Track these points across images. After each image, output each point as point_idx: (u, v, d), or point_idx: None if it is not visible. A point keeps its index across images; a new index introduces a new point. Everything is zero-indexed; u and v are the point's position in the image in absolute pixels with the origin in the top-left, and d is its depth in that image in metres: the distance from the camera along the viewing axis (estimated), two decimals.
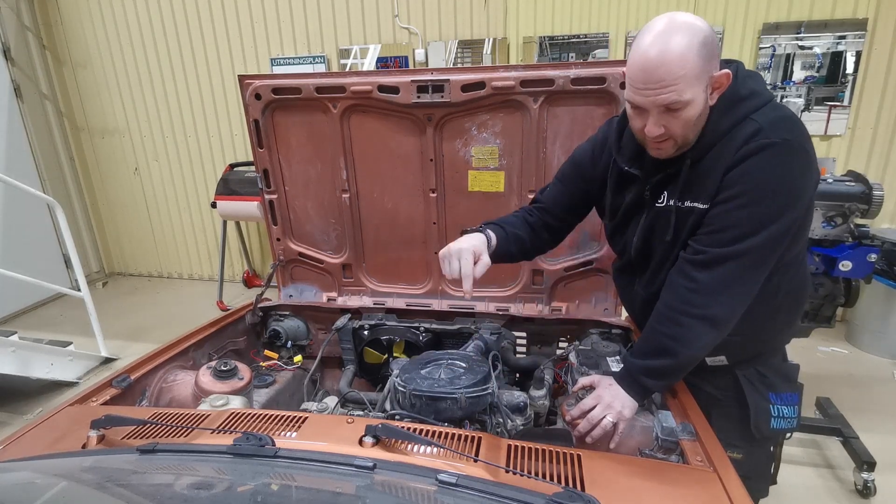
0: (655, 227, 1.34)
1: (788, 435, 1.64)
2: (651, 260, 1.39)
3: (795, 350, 1.52)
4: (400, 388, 1.50)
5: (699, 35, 1.08)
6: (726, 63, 1.20)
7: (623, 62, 1.33)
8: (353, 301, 2.29)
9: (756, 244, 1.16)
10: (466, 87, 1.86)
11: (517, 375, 2.00)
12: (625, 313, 1.88)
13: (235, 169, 4.71)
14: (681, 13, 1.12)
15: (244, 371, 1.71)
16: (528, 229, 1.55)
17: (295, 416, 1.24)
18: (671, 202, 1.27)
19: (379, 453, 1.07)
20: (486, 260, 1.37)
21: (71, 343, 3.83)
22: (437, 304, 2.22)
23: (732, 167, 1.15)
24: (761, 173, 1.13)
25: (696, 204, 1.23)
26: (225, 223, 4.99)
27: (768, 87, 1.22)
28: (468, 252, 1.34)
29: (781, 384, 1.43)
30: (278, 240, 2.30)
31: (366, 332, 2.14)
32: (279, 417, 1.25)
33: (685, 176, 1.23)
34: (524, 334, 2.13)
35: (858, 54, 3.73)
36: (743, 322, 1.29)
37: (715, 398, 1.46)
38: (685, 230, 1.26)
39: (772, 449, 1.61)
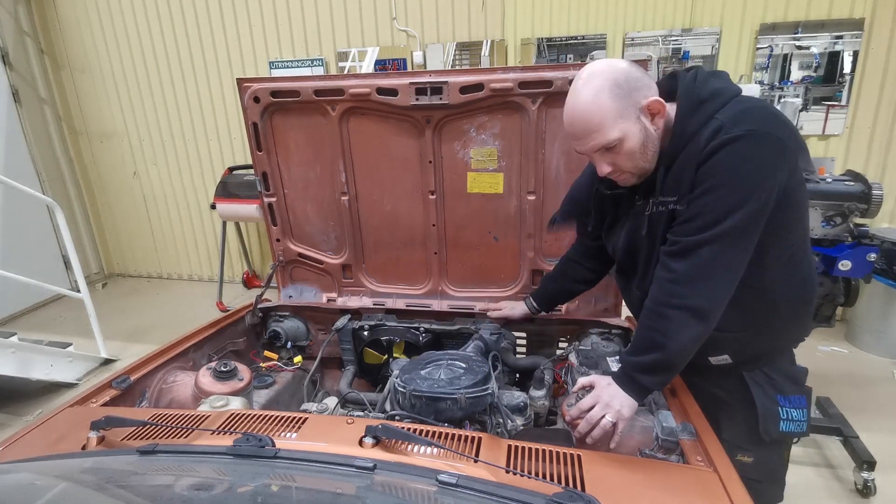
0: (637, 229, 1.39)
1: (796, 440, 1.63)
2: (638, 261, 1.42)
3: (795, 349, 1.52)
4: (400, 388, 1.50)
5: (609, 79, 1.19)
6: (687, 70, 1.28)
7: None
8: (353, 301, 2.29)
9: (727, 228, 1.17)
10: (465, 89, 1.87)
11: (517, 375, 2.00)
12: (625, 313, 1.89)
13: (234, 172, 4.70)
14: (598, 61, 1.24)
15: (244, 372, 1.71)
16: (566, 268, 1.82)
17: (295, 417, 1.24)
18: (650, 202, 1.33)
19: (379, 454, 1.07)
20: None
21: (71, 344, 3.82)
22: (437, 305, 2.22)
23: (701, 164, 1.20)
24: (729, 164, 1.16)
25: (668, 199, 1.28)
26: (224, 224, 4.99)
27: (735, 83, 1.29)
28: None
29: (789, 387, 1.43)
30: (278, 240, 2.30)
31: (366, 333, 2.14)
32: (279, 418, 1.25)
33: (661, 180, 1.29)
34: (524, 334, 2.14)
35: (856, 54, 3.74)
36: (740, 318, 1.31)
37: (722, 401, 1.46)
38: (661, 227, 1.30)
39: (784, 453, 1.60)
